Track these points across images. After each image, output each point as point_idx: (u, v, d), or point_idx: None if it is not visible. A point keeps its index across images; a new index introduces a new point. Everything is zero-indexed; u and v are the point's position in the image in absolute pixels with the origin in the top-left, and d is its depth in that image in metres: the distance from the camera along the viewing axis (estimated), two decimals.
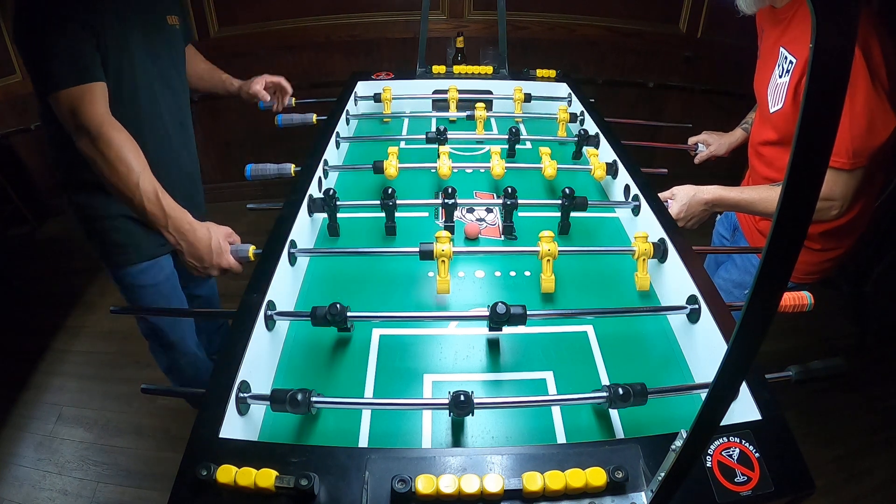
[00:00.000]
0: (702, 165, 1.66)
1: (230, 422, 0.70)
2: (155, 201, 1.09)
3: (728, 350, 0.45)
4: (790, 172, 0.36)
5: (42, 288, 2.58)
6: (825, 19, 0.32)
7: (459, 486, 0.59)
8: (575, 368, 0.89)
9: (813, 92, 0.34)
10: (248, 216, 1.59)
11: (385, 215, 1.18)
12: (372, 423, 0.79)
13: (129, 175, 1.07)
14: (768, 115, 1.23)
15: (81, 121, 1.05)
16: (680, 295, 0.95)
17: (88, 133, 1.05)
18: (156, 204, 1.09)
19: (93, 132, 1.05)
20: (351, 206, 1.22)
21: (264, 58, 2.67)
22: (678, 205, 1.23)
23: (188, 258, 1.13)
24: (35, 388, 2.06)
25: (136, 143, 1.10)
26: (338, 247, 1.18)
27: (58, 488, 1.71)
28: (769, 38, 1.25)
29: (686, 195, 1.23)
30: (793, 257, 0.39)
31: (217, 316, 1.82)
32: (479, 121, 1.54)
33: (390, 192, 1.15)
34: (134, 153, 1.09)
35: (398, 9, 2.60)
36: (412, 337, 0.95)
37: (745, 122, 1.59)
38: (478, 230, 1.20)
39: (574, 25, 2.68)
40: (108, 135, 1.06)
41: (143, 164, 1.09)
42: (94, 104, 1.06)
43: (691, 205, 1.22)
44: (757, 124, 1.37)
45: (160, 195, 1.10)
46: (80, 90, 1.05)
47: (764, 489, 0.62)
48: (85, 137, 1.06)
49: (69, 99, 1.04)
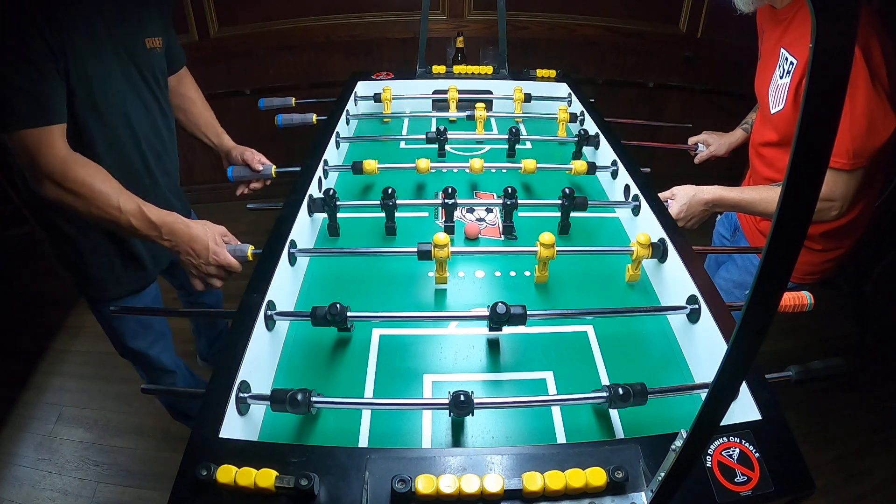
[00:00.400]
0: (702, 165, 1.66)
1: (230, 422, 0.70)
2: (142, 217, 1.06)
3: (728, 350, 0.45)
4: (790, 172, 0.36)
5: (42, 288, 2.57)
6: (825, 19, 0.32)
7: (459, 486, 0.59)
8: (575, 368, 0.89)
9: (813, 92, 0.34)
10: (248, 216, 1.59)
11: (385, 215, 1.18)
12: (372, 423, 0.79)
13: (108, 202, 1.03)
14: (769, 116, 1.23)
15: (43, 167, 0.99)
16: (680, 295, 0.95)
17: (52, 177, 1.00)
18: (143, 219, 1.07)
19: (57, 176, 1.00)
20: (351, 206, 1.22)
21: (264, 58, 2.67)
22: (678, 205, 1.23)
23: (186, 258, 1.11)
24: (35, 388, 2.06)
25: (101, 168, 1.06)
26: (338, 247, 1.18)
27: (58, 488, 1.71)
28: (770, 38, 1.25)
29: (686, 195, 1.23)
30: (793, 257, 0.39)
31: (217, 316, 1.82)
32: (479, 121, 1.54)
33: (390, 193, 1.15)
34: (104, 180, 1.05)
35: (398, 9, 2.60)
36: (412, 337, 0.95)
37: (746, 123, 1.59)
38: (478, 230, 1.20)
39: (574, 25, 2.68)
40: (74, 173, 1.01)
41: (117, 187, 1.06)
42: (54, 146, 1.00)
43: (691, 205, 1.23)
44: (758, 125, 1.37)
45: (145, 210, 1.07)
46: (39, 133, 0.98)
47: (764, 489, 0.62)
48: (49, 183, 1.00)
49: (28, 141, 0.97)
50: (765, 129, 1.29)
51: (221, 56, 2.59)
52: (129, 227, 1.06)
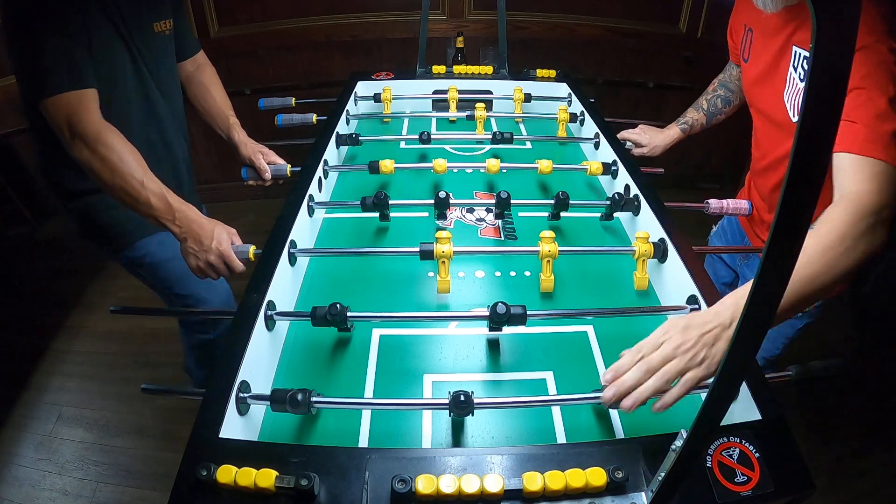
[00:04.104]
0: (694, 165, 1.65)
1: (230, 422, 0.70)
2: (162, 197, 1.09)
3: (728, 350, 0.45)
4: (790, 173, 0.36)
5: (42, 288, 2.58)
6: (825, 19, 0.32)
7: (459, 486, 0.59)
8: (575, 368, 0.89)
9: (813, 92, 0.34)
10: (248, 216, 1.59)
11: (379, 217, 1.19)
12: (372, 423, 0.79)
13: (133, 174, 1.06)
14: (788, 126, 1.06)
15: (79, 129, 1.03)
16: (680, 295, 0.95)
17: (86, 140, 1.03)
18: (162, 201, 1.09)
19: (90, 139, 1.03)
20: (350, 206, 1.22)
21: (264, 58, 2.67)
22: None
23: (189, 245, 1.12)
24: (35, 388, 2.06)
25: (131, 144, 1.08)
26: (338, 247, 1.18)
27: (58, 488, 1.71)
28: (772, 37, 1.08)
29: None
30: (793, 257, 0.39)
31: (217, 316, 1.81)
32: (479, 121, 1.54)
33: (382, 198, 1.14)
34: (133, 153, 1.08)
35: (398, 9, 2.60)
36: (412, 337, 0.95)
37: (684, 122, 1.49)
38: None
39: (574, 25, 2.68)
40: (107, 139, 1.04)
41: (144, 165, 1.09)
42: (91, 110, 1.04)
43: None
44: (764, 141, 1.19)
45: (166, 193, 1.10)
46: (76, 96, 1.03)
47: (764, 489, 0.62)
48: (81, 145, 1.04)
49: (65, 105, 1.02)
50: (779, 144, 1.13)
51: (221, 56, 2.57)
52: (146, 203, 1.08)
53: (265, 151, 1.42)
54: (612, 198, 1.18)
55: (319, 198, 1.25)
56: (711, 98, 1.45)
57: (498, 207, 1.18)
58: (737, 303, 0.70)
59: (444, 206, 1.16)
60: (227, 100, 1.49)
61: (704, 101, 1.47)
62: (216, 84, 1.48)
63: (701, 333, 0.67)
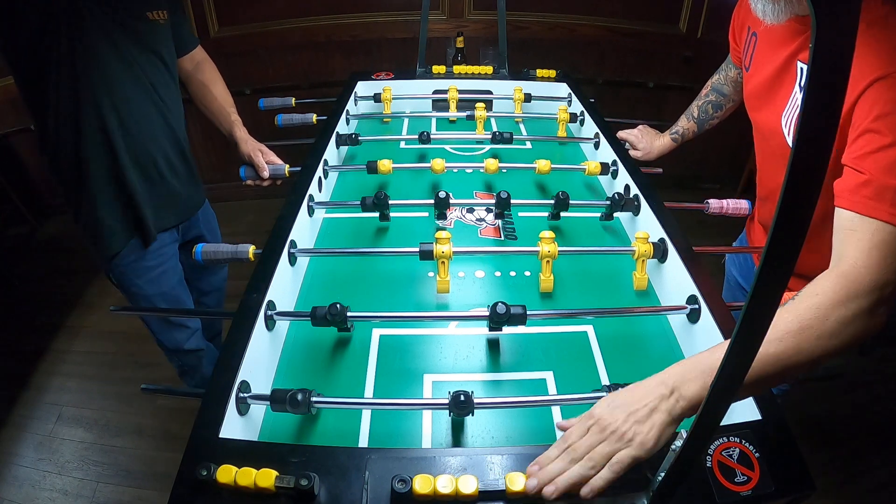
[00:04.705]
0: (694, 165, 1.65)
1: (230, 422, 0.70)
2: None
3: (728, 350, 0.45)
4: (790, 174, 0.36)
5: (42, 288, 2.58)
6: (825, 19, 0.32)
7: (458, 486, 0.59)
8: (575, 368, 0.89)
9: (813, 92, 0.34)
10: (248, 216, 1.59)
11: (379, 217, 1.19)
12: (372, 423, 0.79)
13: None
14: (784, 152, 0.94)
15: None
16: (680, 295, 0.95)
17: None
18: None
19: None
20: (350, 206, 1.22)
21: (264, 58, 2.67)
22: None
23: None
24: (35, 388, 2.06)
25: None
26: (338, 247, 1.18)
27: (58, 488, 1.71)
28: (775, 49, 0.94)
29: None
30: (793, 257, 0.39)
31: (217, 316, 1.81)
32: (479, 121, 1.54)
33: (382, 198, 1.14)
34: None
35: (398, 9, 2.60)
36: (412, 337, 0.95)
37: (675, 132, 1.46)
38: None
39: (574, 25, 2.68)
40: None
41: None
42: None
43: None
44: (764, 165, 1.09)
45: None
46: None
47: (764, 489, 0.62)
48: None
49: None
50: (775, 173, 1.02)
51: (221, 56, 2.56)
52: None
53: (265, 150, 1.43)
54: (612, 198, 1.18)
55: (319, 198, 1.25)
56: (702, 104, 1.42)
57: (498, 207, 1.19)
58: (683, 373, 0.64)
59: (444, 206, 1.16)
60: (228, 96, 1.49)
61: (696, 109, 1.43)
62: (216, 81, 1.48)
63: (629, 412, 0.61)
